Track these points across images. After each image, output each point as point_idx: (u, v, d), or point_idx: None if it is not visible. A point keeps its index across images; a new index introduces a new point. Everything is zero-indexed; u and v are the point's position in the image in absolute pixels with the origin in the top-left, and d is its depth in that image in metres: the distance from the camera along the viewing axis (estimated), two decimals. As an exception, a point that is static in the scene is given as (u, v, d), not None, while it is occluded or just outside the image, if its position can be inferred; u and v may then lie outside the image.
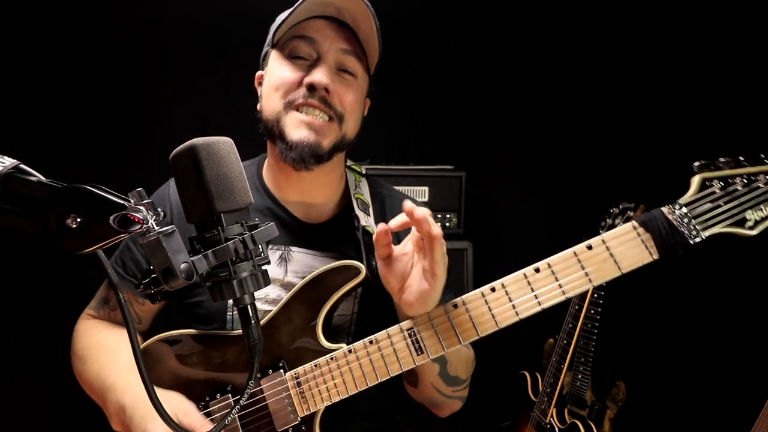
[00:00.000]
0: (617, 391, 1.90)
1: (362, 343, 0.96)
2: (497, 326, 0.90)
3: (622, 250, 0.86)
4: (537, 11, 2.19)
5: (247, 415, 0.99)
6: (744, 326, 1.87)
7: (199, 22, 2.15)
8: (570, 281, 0.87)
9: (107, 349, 1.10)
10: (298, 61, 1.05)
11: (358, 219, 1.11)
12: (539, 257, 0.90)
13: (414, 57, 2.27)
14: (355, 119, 1.10)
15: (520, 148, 2.28)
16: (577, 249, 0.88)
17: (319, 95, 1.02)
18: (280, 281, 1.10)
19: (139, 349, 0.59)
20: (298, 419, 0.97)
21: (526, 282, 0.89)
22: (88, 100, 2.11)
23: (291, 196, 1.14)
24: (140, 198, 0.53)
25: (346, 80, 1.06)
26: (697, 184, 0.88)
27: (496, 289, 0.90)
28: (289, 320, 1.02)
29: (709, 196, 0.86)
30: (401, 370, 0.93)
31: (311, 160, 1.03)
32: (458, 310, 0.91)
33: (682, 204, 0.87)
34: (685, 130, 2.00)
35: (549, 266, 0.88)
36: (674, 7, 1.97)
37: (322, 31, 1.04)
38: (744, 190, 0.85)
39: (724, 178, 0.87)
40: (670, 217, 0.86)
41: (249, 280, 0.61)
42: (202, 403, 1.02)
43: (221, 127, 2.16)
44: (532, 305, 0.88)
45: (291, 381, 0.98)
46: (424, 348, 0.92)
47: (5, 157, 0.53)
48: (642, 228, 0.86)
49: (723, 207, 0.85)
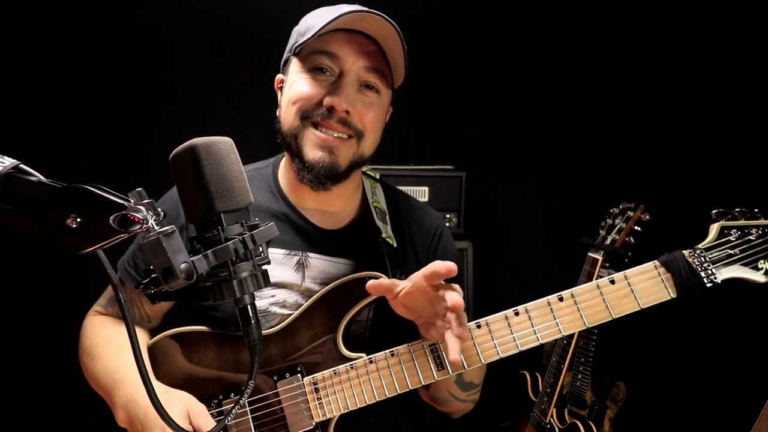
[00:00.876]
0: (617, 391, 1.90)
1: (383, 354, 0.97)
2: (518, 349, 0.93)
3: (644, 287, 0.92)
4: (537, 11, 2.19)
5: (261, 417, 0.99)
6: (744, 326, 1.87)
7: (199, 22, 2.15)
8: (592, 313, 0.93)
9: (115, 346, 1.10)
10: (320, 76, 1.02)
11: (380, 230, 1.11)
12: (539, 257, 0.91)
13: (414, 57, 2.25)
14: (375, 136, 1.08)
15: (520, 148, 2.28)
16: (601, 282, 0.94)
17: (339, 117, 1.00)
18: (298, 287, 1.09)
19: (139, 347, 0.59)
20: (312, 424, 0.98)
21: (549, 309, 0.93)
22: (88, 100, 2.11)
23: (308, 203, 1.13)
24: (140, 198, 0.53)
25: (367, 98, 1.04)
26: (716, 232, 0.95)
27: (520, 313, 0.94)
28: (310, 326, 1.03)
29: (726, 243, 0.93)
30: (421, 383, 0.95)
31: (328, 182, 1.03)
32: (481, 331, 0.95)
33: (702, 249, 0.94)
34: (685, 130, 2.00)
35: (572, 296, 0.93)
36: (674, 7, 1.97)
37: (345, 46, 1.01)
38: (758, 241, 0.93)
39: (742, 227, 0.95)
40: (690, 259, 0.92)
41: (249, 280, 0.61)
42: (215, 401, 1.02)
43: (221, 127, 2.16)
44: (553, 332, 0.93)
45: (309, 386, 0.99)
46: (445, 364, 0.95)
47: (5, 157, 0.53)
48: (663, 267, 0.92)
49: (738, 255, 0.92)
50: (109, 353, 1.09)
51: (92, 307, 1.20)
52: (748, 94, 1.84)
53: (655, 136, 2.06)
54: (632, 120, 2.12)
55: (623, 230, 1.67)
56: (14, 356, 2.13)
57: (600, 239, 1.71)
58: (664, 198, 1.84)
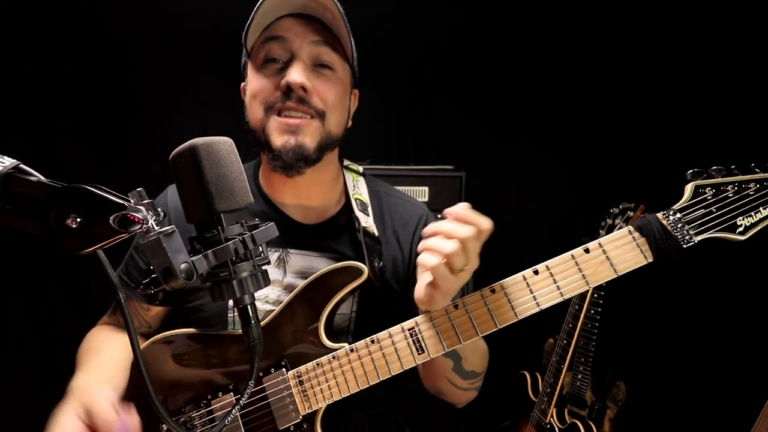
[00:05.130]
0: (617, 391, 1.90)
1: (364, 342, 0.96)
2: (497, 326, 0.91)
3: (618, 253, 0.89)
4: (537, 12, 2.19)
5: (249, 414, 1.00)
6: (744, 326, 1.87)
7: (200, 22, 2.14)
8: (568, 283, 0.90)
9: (93, 351, 1.12)
10: (273, 65, 1.04)
11: (359, 220, 1.10)
12: (539, 257, 0.91)
13: (414, 57, 2.27)
14: (339, 114, 1.08)
15: (520, 148, 2.28)
16: (575, 252, 0.91)
17: (297, 96, 1.00)
18: (280, 282, 1.10)
19: (140, 350, 0.59)
20: (299, 417, 0.98)
21: (525, 284, 0.91)
22: (88, 100, 2.11)
23: (288, 199, 1.14)
24: (140, 198, 0.53)
25: (324, 75, 1.04)
26: (690, 191, 0.92)
27: (496, 290, 0.92)
28: (292, 320, 1.03)
29: (701, 203, 0.90)
30: (402, 368, 0.94)
31: (299, 164, 1.02)
32: (459, 311, 0.93)
33: (676, 210, 0.90)
34: (685, 130, 2.00)
35: (547, 268, 0.91)
36: (674, 7, 1.97)
37: (291, 28, 1.03)
38: (735, 197, 0.89)
39: (717, 185, 0.91)
40: (664, 222, 0.89)
41: (249, 280, 0.61)
42: (204, 401, 1.02)
43: (221, 127, 2.15)
44: (531, 306, 0.90)
45: (293, 379, 0.99)
46: (425, 347, 0.93)
47: (5, 157, 0.53)
48: (638, 232, 0.89)
49: (715, 213, 0.89)
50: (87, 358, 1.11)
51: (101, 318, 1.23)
52: (749, 94, 1.84)
53: (654, 136, 2.06)
54: (632, 120, 2.11)
55: (623, 230, 1.67)
56: (14, 356, 2.13)
57: (600, 239, 1.71)
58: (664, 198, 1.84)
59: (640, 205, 1.70)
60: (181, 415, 1.02)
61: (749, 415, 1.44)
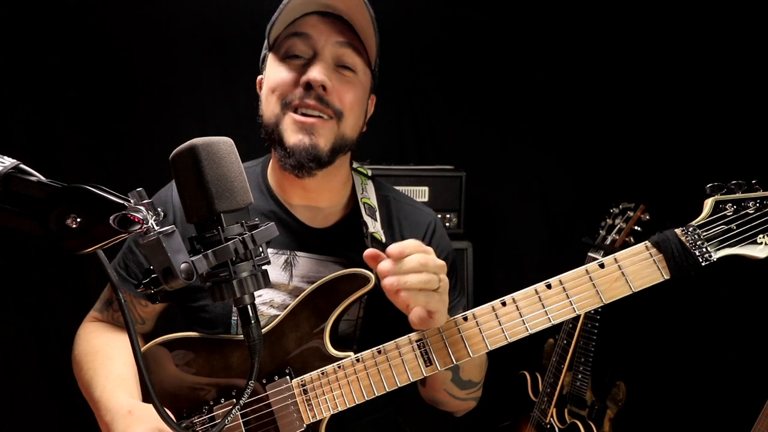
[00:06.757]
0: (617, 391, 1.90)
1: (370, 353, 0.95)
2: (506, 340, 0.90)
3: (635, 269, 0.87)
4: (537, 12, 2.19)
5: (252, 421, 0.98)
6: (744, 326, 1.87)
7: (200, 22, 2.15)
8: (581, 299, 0.88)
9: (102, 356, 1.08)
10: (294, 61, 1.01)
11: (366, 225, 1.08)
12: (539, 257, 0.91)
13: (414, 57, 2.27)
14: (356, 117, 1.06)
15: (520, 148, 2.29)
16: (590, 267, 0.89)
17: (316, 94, 0.98)
18: (286, 286, 1.09)
19: (140, 351, 0.59)
20: (303, 426, 0.96)
21: (537, 298, 0.89)
22: (88, 100, 2.11)
23: (296, 200, 1.12)
24: (140, 198, 0.53)
25: (345, 77, 1.03)
26: (710, 207, 0.89)
27: (507, 303, 0.91)
28: (297, 327, 1.01)
29: (722, 219, 0.87)
30: (409, 380, 0.93)
31: (311, 164, 1.00)
32: (468, 324, 0.92)
33: (696, 226, 0.88)
34: (685, 130, 2.00)
35: (561, 283, 0.90)
36: (674, 8, 1.97)
37: (317, 26, 1.00)
38: (757, 214, 0.86)
39: (737, 201, 0.88)
40: (683, 238, 0.87)
41: (249, 280, 0.61)
42: (206, 407, 1.01)
43: (221, 127, 2.16)
44: (543, 321, 0.89)
45: (297, 388, 0.97)
46: (433, 360, 0.92)
47: (5, 157, 0.53)
48: (655, 248, 0.87)
49: (735, 230, 0.86)
50: (95, 364, 1.07)
51: (89, 312, 1.19)
52: (749, 93, 1.84)
53: (654, 136, 2.06)
54: (632, 120, 2.12)
55: (623, 230, 1.67)
56: (14, 356, 2.13)
57: (600, 239, 1.71)
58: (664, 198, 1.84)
59: (640, 205, 1.70)
60: (182, 420, 1.01)
61: (749, 415, 1.44)
